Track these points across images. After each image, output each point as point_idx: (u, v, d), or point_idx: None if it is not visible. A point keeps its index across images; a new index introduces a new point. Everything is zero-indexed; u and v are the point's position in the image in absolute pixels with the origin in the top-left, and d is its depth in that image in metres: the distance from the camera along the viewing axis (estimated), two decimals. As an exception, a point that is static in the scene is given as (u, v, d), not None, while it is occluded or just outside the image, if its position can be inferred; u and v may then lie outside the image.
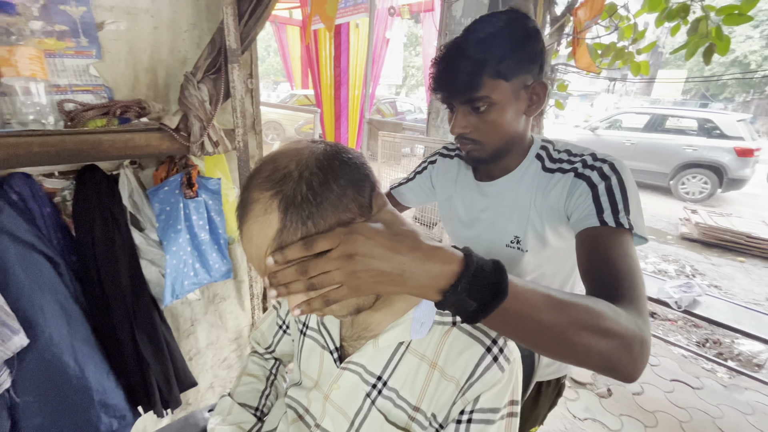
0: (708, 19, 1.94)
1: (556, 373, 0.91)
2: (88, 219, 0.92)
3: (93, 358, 0.93)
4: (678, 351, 2.41)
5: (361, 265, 0.37)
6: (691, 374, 2.19)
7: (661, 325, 2.77)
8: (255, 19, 0.98)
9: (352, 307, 0.48)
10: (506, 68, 0.64)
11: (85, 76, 0.89)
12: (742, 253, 4.09)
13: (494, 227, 0.79)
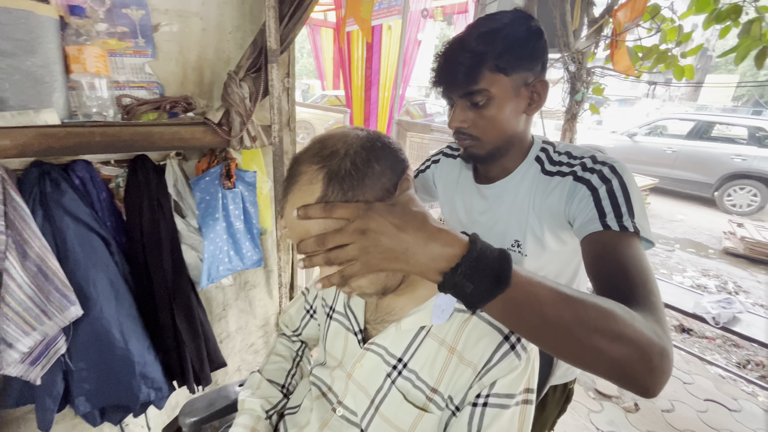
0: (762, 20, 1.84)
1: (563, 378, 0.89)
2: (138, 204, 1.00)
3: (136, 333, 1.01)
4: (715, 370, 2.28)
5: (372, 240, 0.40)
6: (729, 395, 2.06)
7: (698, 343, 2.63)
8: (294, 22, 1.03)
9: (379, 286, 0.51)
10: (506, 63, 0.63)
11: (141, 73, 0.97)
12: (794, 271, 3.80)
13: (494, 231, 0.78)
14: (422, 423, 0.53)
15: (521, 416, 0.49)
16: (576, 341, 0.40)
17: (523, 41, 0.64)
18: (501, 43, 0.63)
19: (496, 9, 2.73)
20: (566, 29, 2.37)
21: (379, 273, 0.49)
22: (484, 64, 0.63)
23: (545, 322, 0.40)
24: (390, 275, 0.51)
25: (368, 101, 5.04)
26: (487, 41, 0.64)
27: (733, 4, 1.98)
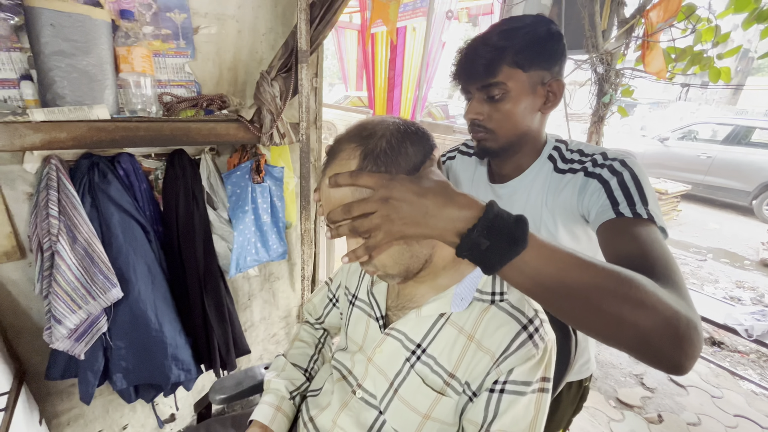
0: (806, 20, 1.76)
1: (578, 374, 0.89)
2: (174, 196, 1.06)
3: (169, 317, 1.07)
4: (747, 386, 2.18)
5: (394, 208, 0.42)
6: (762, 412, 1.97)
7: (729, 357, 2.52)
8: (324, 24, 1.07)
9: (402, 267, 0.54)
10: (524, 59, 0.66)
11: (181, 73, 1.03)
12: (839, 286, 3.57)
13: None
14: (439, 406, 0.55)
15: (537, 403, 0.51)
16: (596, 308, 0.39)
17: (542, 40, 0.67)
18: (521, 40, 0.66)
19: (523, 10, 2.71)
20: (595, 30, 2.33)
21: (403, 253, 0.52)
22: (504, 58, 0.66)
23: (563, 286, 0.39)
24: (413, 257, 0.54)
25: (390, 102, 5.08)
26: (508, 37, 0.66)
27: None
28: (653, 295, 0.40)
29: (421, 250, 0.54)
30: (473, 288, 0.54)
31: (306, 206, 1.27)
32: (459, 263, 0.59)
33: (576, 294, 0.40)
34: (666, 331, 0.38)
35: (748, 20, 2.03)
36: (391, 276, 0.56)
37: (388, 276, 0.56)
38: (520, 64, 0.66)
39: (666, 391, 2.06)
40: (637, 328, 0.38)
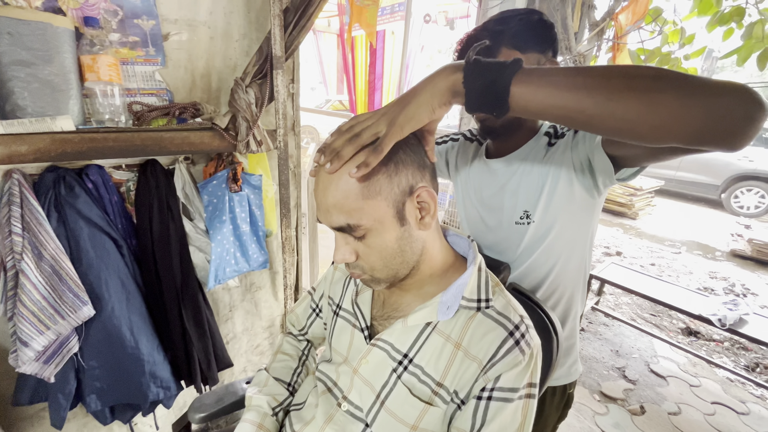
0: (765, 22, 1.85)
1: (565, 378, 0.89)
2: (148, 207, 1.03)
3: (146, 333, 1.04)
4: (723, 373, 2.26)
5: (394, 111, 0.47)
6: (737, 398, 2.04)
7: (705, 346, 2.61)
8: (299, 29, 1.06)
9: (391, 271, 0.54)
10: (521, 41, 0.70)
11: (151, 80, 1.00)
12: (803, 273, 3.75)
13: (504, 206, 0.81)
14: (428, 416, 0.54)
15: (524, 410, 0.51)
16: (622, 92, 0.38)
17: (536, 26, 0.72)
18: (516, 24, 0.71)
19: (498, 13, 2.73)
20: (567, 32, 2.39)
21: (394, 257, 0.52)
22: (502, 41, 0.71)
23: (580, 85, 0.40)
24: (403, 262, 0.53)
25: (372, 106, 5.08)
26: (504, 22, 0.72)
27: (736, 6, 1.99)
28: (679, 73, 0.38)
29: (412, 256, 0.54)
30: (459, 295, 0.54)
31: (286, 214, 1.25)
32: (445, 271, 0.59)
33: (593, 86, 0.39)
34: (726, 88, 0.36)
35: (711, 23, 2.12)
36: (378, 281, 0.55)
37: (375, 281, 0.55)
38: (517, 46, 0.71)
39: (647, 383, 2.12)
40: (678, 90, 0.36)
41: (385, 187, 0.48)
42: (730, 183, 5.77)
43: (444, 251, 0.59)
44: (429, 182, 0.52)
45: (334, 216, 0.50)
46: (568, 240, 0.79)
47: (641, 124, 0.38)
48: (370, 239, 0.51)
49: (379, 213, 0.49)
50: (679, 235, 4.77)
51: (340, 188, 0.48)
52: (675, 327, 2.83)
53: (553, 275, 0.80)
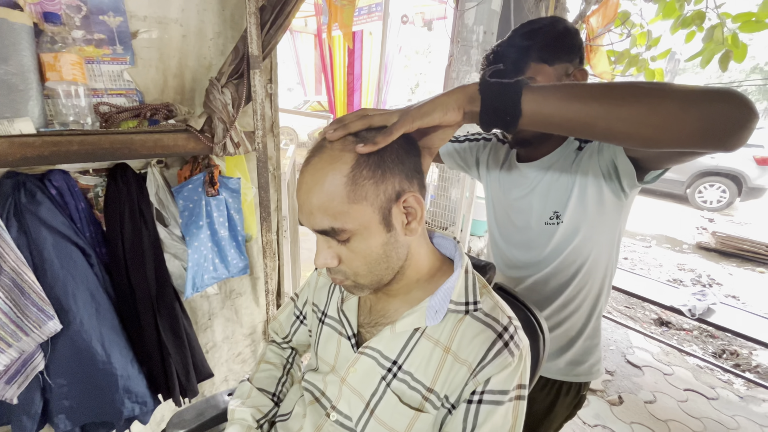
0: (724, 26, 1.94)
1: (585, 377, 0.90)
2: (118, 214, 0.98)
3: (119, 346, 0.98)
4: (693, 361, 2.37)
5: (408, 108, 0.49)
6: (707, 384, 2.15)
7: (676, 335, 2.73)
8: (276, 28, 1.03)
9: (375, 277, 0.52)
10: (548, 54, 0.72)
11: (120, 80, 0.95)
12: (762, 263, 3.99)
13: (533, 208, 0.84)
14: (418, 423, 0.53)
15: (514, 411, 0.51)
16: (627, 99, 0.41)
17: (562, 36, 0.74)
18: (543, 38, 0.73)
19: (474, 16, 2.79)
20: (542, 34, 2.44)
21: (379, 262, 0.51)
22: (529, 55, 0.73)
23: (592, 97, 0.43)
24: (388, 267, 0.52)
25: (351, 106, 5.06)
26: (531, 37, 0.73)
27: (697, 10, 2.08)
28: (685, 89, 0.41)
29: (397, 262, 0.53)
30: (447, 299, 0.53)
31: (266, 217, 1.22)
32: (432, 275, 0.58)
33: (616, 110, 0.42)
34: (720, 94, 0.39)
35: (674, 26, 2.21)
36: (361, 287, 0.54)
37: (358, 287, 0.54)
38: (545, 59, 0.72)
39: (624, 373, 2.19)
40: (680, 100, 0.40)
41: (371, 193, 0.47)
42: (694, 179, 6.08)
43: (430, 255, 0.58)
44: (417, 189, 0.51)
45: (317, 218, 0.48)
46: (596, 240, 0.81)
47: (645, 130, 0.41)
48: (354, 244, 0.49)
49: (365, 218, 0.48)
50: (649, 230, 4.98)
51: (325, 190, 0.47)
52: (648, 318, 2.94)
53: (581, 274, 0.82)
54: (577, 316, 0.87)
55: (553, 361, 0.90)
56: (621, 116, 0.42)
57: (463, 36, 2.79)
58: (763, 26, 1.81)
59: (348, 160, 0.46)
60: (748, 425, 1.85)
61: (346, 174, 0.46)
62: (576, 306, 0.86)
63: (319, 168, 0.47)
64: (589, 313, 0.87)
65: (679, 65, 18.30)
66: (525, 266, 0.89)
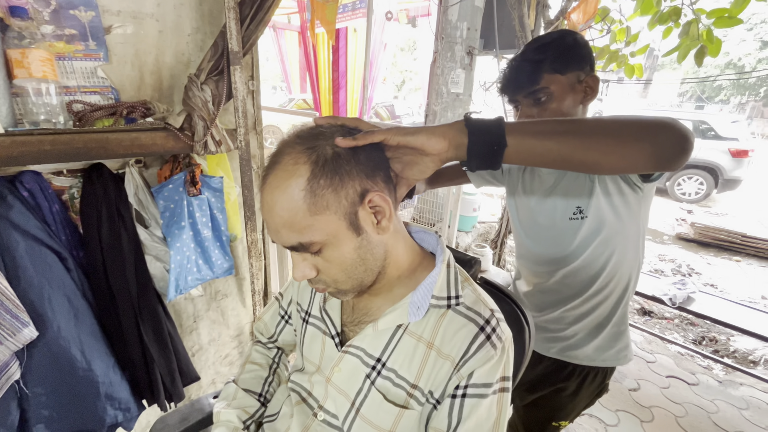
0: (699, 22, 1.99)
1: (612, 361, 0.93)
2: (95, 216, 0.95)
3: (99, 351, 0.95)
4: (674, 348, 2.44)
5: (399, 127, 0.49)
6: (687, 371, 2.21)
7: (658, 324, 2.80)
8: (256, 24, 1.01)
9: (356, 282, 0.52)
10: (560, 64, 0.79)
11: (93, 77, 0.92)
12: (738, 252, 4.13)
13: (556, 205, 0.88)
14: (404, 420, 0.53)
15: (499, 404, 0.51)
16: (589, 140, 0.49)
17: (572, 47, 0.80)
18: (554, 50, 0.79)
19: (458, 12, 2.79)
20: (525, 30, 2.47)
21: (356, 267, 0.50)
22: (543, 67, 0.79)
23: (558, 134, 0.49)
24: (366, 270, 0.52)
25: (337, 104, 5.02)
26: (543, 50, 0.80)
27: (673, 6, 2.13)
28: (631, 117, 0.50)
29: (375, 263, 0.52)
30: (428, 294, 0.53)
31: (251, 217, 1.20)
32: (413, 271, 0.58)
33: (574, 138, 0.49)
34: (654, 125, 0.49)
35: (652, 22, 2.26)
36: (344, 292, 0.53)
37: (341, 292, 0.53)
38: (558, 69, 0.79)
39: (609, 363, 2.24)
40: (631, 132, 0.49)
41: (332, 201, 0.46)
42: (674, 172, 6.24)
43: (410, 250, 0.58)
44: (382, 185, 0.50)
45: (284, 235, 0.47)
46: (622, 232, 0.84)
47: (611, 158, 0.49)
48: (327, 253, 0.49)
49: (331, 227, 0.47)
50: (631, 222, 5.09)
51: (286, 207, 0.45)
52: (631, 308, 3.01)
53: (611, 265, 0.85)
54: (605, 305, 0.90)
55: (582, 348, 0.93)
56: (593, 147, 0.49)
57: (447, 32, 2.79)
58: (735, 22, 1.86)
59: (302, 172, 0.45)
60: (727, 408, 1.92)
61: (303, 187, 0.45)
62: (605, 295, 0.89)
63: (276, 185, 0.46)
64: (617, 302, 0.90)
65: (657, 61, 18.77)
66: (554, 261, 0.92)
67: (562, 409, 0.98)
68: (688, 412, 1.88)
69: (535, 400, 1.02)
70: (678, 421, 1.82)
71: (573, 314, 0.93)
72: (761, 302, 3.18)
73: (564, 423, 1.01)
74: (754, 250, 4.06)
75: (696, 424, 1.81)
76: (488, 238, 3.44)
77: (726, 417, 1.86)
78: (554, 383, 0.98)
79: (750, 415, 1.89)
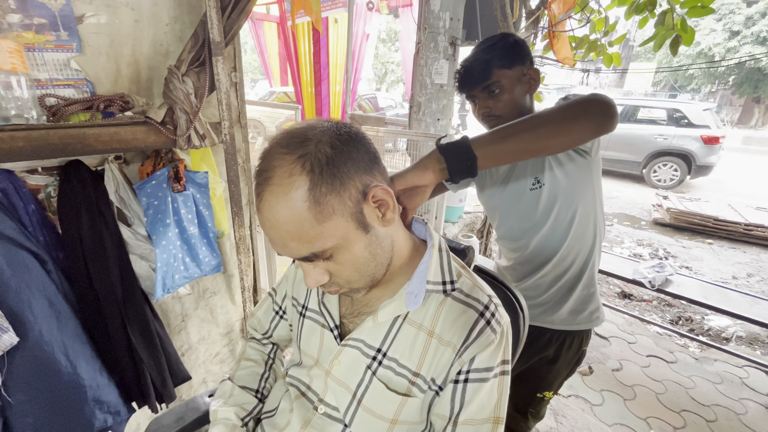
0: (673, 11, 2.04)
1: (586, 324, 1.01)
2: (75, 215, 0.91)
3: (85, 355, 0.92)
4: (653, 329, 2.54)
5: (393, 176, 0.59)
6: (666, 349, 2.31)
7: (638, 306, 2.91)
8: (238, 12, 0.98)
9: (368, 277, 0.52)
10: (506, 60, 0.91)
11: (66, 70, 0.88)
12: (710, 235, 4.31)
13: (519, 180, 0.96)
14: (406, 408, 0.53)
15: (500, 387, 0.52)
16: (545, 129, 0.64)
17: (513, 45, 0.93)
18: (500, 50, 0.91)
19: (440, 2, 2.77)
20: (507, 20, 2.48)
21: (368, 263, 0.50)
22: (492, 64, 0.91)
23: (521, 137, 0.63)
24: (378, 265, 0.52)
25: (319, 96, 4.95)
26: (490, 50, 0.92)
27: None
28: (564, 105, 0.65)
29: (384, 256, 0.52)
30: (423, 281, 0.54)
31: (238, 212, 1.17)
32: (412, 258, 0.58)
33: (530, 136, 0.63)
34: (582, 105, 0.65)
35: (629, 11, 2.30)
36: (357, 290, 0.53)
37: (354, 291, 0.53)
38: (505, 64, 0.91)
39: (593, 344, 2.32)
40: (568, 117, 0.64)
41: (337, 206, 0.45)
42: (650, 159, 6.45)
43: (408, 238, 0.59)
44: (380, 179, 0.49)
45: (294, 248, 0.46)
46: (579, 196, 0.92)
47: (562, 139, 0.65)
48: (339, 257, 0.48)
49: (340, 231, 0.46)
50: (610, 209, 5.25)
51: (292, 221, 0.44)
52: (612, 292, 3.12)
53: (573, 228, 0.94)
54: (574, 267, 0.98)
55: (556, 312, 1.00)
56: (542, 135, 0.64)
57: (430, 23, 2.77)
58: (708, 11, 1.92)
59: (300, 183, 0.43)
60: (703, 383, 2.02)
61: (306, 198, 0.43)
62: (572, 259, 0.98)
63: (275, 202, 0.44)
64: (584, 264, 0.98)
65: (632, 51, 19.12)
66: (526, 231, 1.00)
67: (544, 378, 1.05)
68: (667, 389, 1.97)
69: (518, 374, 1.07)
70: (658, 398, 1.91)
71: (547, 280, 1.00)
72: (732, 282, 3.34)
73: (548, 394, 1.08)
74: (725, 232, 4.25)
75: (675, 400, 1.90)
76: (474, 228, 3.49)
77: (702, 392, 1.96)
78: (535, 353, 1.04)
79: (724, 389, 1.99)
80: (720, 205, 4.89)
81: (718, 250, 4.00)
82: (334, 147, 0.45)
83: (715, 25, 15.60)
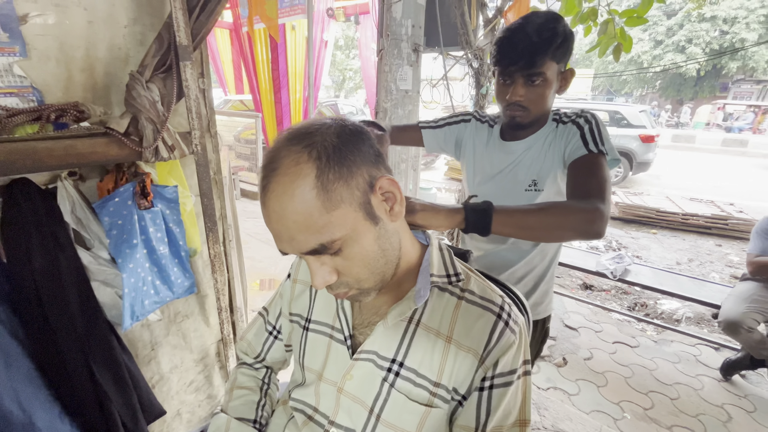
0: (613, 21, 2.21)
1: (544, 312, 1.08)
2: (23, 241, 0.80)
3: (40, 400, 0.81)
4: (615, 316, 2.70)
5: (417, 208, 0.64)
6: (628, 335, 2.46)
7: (599, 296, 3.09)
8: (207, 14, 0.92)
9: (378, 276, 0.49)
10: (559, 54, 0.83)
11: (9, 76, 0.77)
12: (654, 225, 4.70)
13: (516, 178, 0.96)
14: (429, 419, 0.51)
15: (523, 387, 0.51)
16: (549, 229, 0.71)
17: (569, 39, 0.84)
18: (559, 38, 0.82)
19: (401, 10, 2.80)
20: (466, 28, 2.56)
21: (377, 259, 0.48)
22: (547, 53, 0.82)
23: (527, 226, 0.70)
24: (387, 262, 0.50)
25: (279, 104, 4.84)
26: (543, 32, 0.81)
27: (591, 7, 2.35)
28: (572, 209, 0.72)
29: (393, 252, 0.50)
30: (426, 275, 0.53)
31: (212, 227, 1.09)
32: (418, 262, 0.57)
33: (533, 228, 0.71)
34: (583, 219, 0.71)
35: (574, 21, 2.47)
36: (367, 291, 0.50)
37: (363, 292, 0.50)
38: (556, 58, 0.83)
39: (564, 336, 2.42)
40: (569, 226, 0.71)
41: (345, 193, 0.43)
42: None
43: (413, 240, 0.58)
44: (385, 172, 0.49)
45: (302, 241, 0.43)
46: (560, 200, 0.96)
47: (562, 233, 0.72)
48: (348, 250, 0.46)
49: (349, 220, 0.44)
50: (565, 206, 5.55)
51: (299, 210, 0.42)
52: (575, 284, 3.29)
53: None
54: (541, 266, 1.02)
55: None
56: (543, 237, 0.78)
57: (392, 30, 2.80)
58: (642, 21, 2.10)
59: (308, 171, 0.42)
60: (664, 364, 2.17)
61: (313, 185, 0.42)
62: (541, 257, 1.01)
63: (282, 192, 0.42)
64: (550, 262, 1.03)
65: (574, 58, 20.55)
66: None
67: None
68: (634, 373, 2.09)
69: None
70: (627, 382, 2.02)
71: (516, 276, 1.03)
72: (677, 267, 3.65)
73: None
74: (666, 222, 4.65)
75: (642, 382, 2.02)
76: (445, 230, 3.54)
77: (664, 372, 2.10)
78: None
79: (682, 367, 2.15)
80: (659, 197, 5.35)
81: (662, 239, 4.36)
82: (341, 137, 0.44)
83: (642, 35, 17.25)
